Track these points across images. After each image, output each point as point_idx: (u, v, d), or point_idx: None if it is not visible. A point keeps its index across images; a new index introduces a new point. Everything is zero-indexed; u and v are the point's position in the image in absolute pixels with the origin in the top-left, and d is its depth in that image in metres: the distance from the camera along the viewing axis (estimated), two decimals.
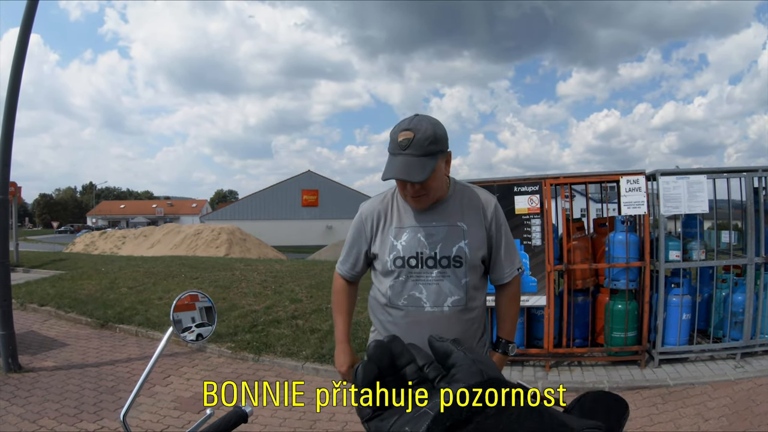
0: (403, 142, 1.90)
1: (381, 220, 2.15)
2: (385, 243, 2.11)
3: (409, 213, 2.11)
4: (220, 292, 8.45)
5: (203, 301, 1.55)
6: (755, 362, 5.24)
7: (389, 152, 1.96)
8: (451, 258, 2.04)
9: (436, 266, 2.04)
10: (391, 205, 2.17)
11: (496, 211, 2.17)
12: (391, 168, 1.91)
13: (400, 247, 2.07)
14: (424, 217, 2.08)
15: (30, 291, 9.46)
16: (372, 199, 2.25)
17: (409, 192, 1.98)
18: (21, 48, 5.92)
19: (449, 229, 2.06)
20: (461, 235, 2.06)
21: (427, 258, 2.04)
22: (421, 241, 2.06)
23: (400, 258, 2.06)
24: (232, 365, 5.88)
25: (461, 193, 2.14)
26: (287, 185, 49.80)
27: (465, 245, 2.05)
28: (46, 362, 5.95)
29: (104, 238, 30.10)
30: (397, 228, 2.10)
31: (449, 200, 2.11)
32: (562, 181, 5.55)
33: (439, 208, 2.09)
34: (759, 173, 5.36)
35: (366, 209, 2.21)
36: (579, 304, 5.59)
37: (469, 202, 2.13)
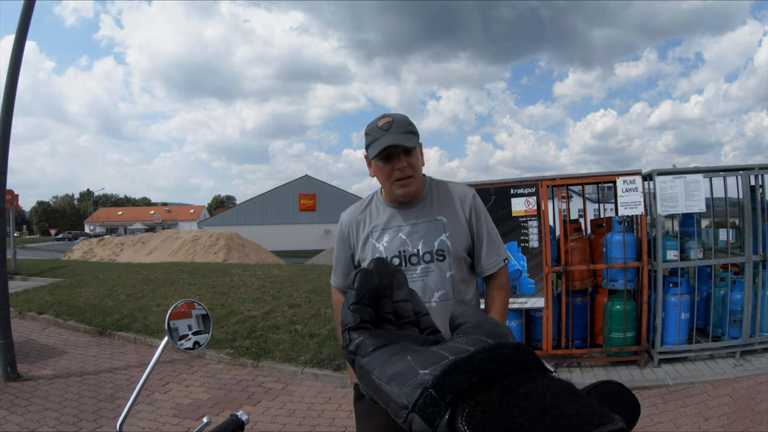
0: (384, 125, 1.98)
1: (361, 226, 2.17)
2: (367, 247, 2.13)
3: (389, 214, 2.13)
4: (218, 298, 8.45)
5: (199, 309, 1.55)
6: (755, 360, 5.24)
7: (370, 142, 2.01)
8: (434, 252, 2.05)
9: (420, 262, 2.05)
10: (370, 210, 2.19)
11: (474, 201, 2.17)
12: (380, 143, 1.96)
13: (382, 248, 2.09)
14: (404, 216, 2.11)
15: (28, 299, 9.45)
16: (351, 208, 2.27)
17: (398, 172, 2.01)
18: (16, 55, 5.92)
19: (429, 225, 2.08)
20: (441, 228, 2.08)
21: (410, 255, 2.06)
22: (403, 239, 2.07)
23: None
24: (231, 371, 5.87)
25: (437, 188, 2.18)
26: (285, 190, 49.77)
27: (446, 238, 2.06)
28: (45, 370, 5.94)
29: (102, 245, 30.04)
30: (378, 230, 2.12)
31: (426, 196, 2.14)
32: (558, 182, 5.56)
33: (417, 205, 2.12)
34: (755, 171, 5.37)
35: (346, 219, 2.23)
36: (577, 305, 5.59)
37: (445, 195, 2.16)
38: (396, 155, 2.00)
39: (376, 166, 2.05)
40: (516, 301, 5.37)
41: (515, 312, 5.46)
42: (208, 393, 5.22)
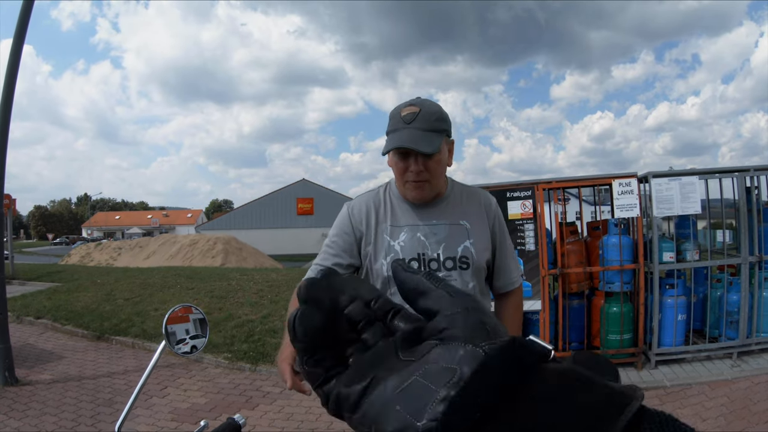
0: (408, 116, 1.75)
1: (373, 217, 1.89)
2: (380, 243, 1.86)
3: (406, 210, 1.89)
4: (216, 302, 8.45)
5: (196, 314, 1.56)
6: (752, 361, 5.26)
7: (389, 131, 1.80)
8: (457, 259, 1.83)
9: (440, 269, 1.82)
10: (384, 200, 1.93)
11: (497, 210, 2.00)
12: (395, 139, 1.75)
13: (398, 248, 1.83)
14: (423, 215, 1.87)
15: (26, 304, 9.43)
16: (361, 195, 1.99)
17: (412, 174, 1.78)
18: (14, 59, 5.93)
19: (451, 228, 1.86)
20: (465, 234, 1.86)
21: (429, 260, 1.82)
22: (422, 241, 1.83)
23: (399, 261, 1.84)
24: (228, 376, 5.88)
25: (460, 190, 1.97)
26: (282, 194, 49.75)
27: (470, 245, 1.85)
28: (43, 375, 5.93)
29: (100, 250, 29.99)
30: (392, 226, 1.86)
31: (448, 197, 1.92)
32: (554, 185, 5.58)
33: (439, 205, 1.89)
34: (751, 173, 5.40)
35: (355, 204, 1.95)
36: (574, 308, 5.60)
37: (469, 199, 1.95)
38: (413, 155, 1.76)
39: (392, 160, 1.83)
40: None
41: None
42: (206, 397, 5.23)
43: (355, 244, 1.89)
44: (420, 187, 1.81)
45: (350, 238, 1.89)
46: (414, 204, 1.88)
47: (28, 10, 5.92)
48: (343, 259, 1.89)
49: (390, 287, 1.76)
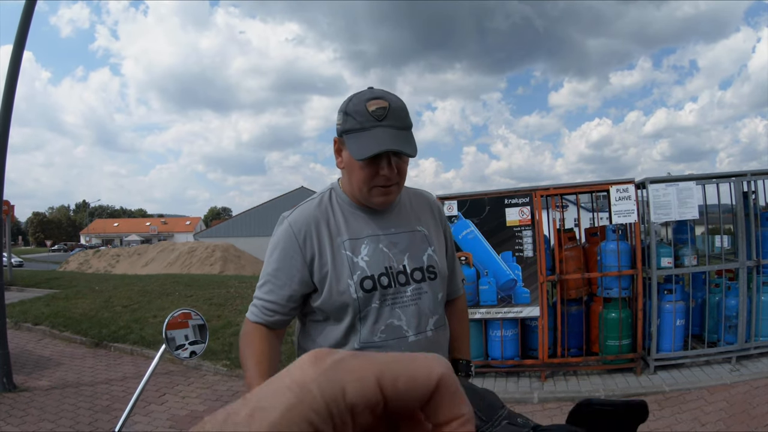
0: (378, 112, 1.50)
1: (325, 231, 1.60)
2: (340, 262, 1.57)
3: (361, 219, 1.64)
4: (215, 309, 8.43)
5: (196, 319, 1.57)
6: (751, 365, 5.26)
7: (356, 128, 1.52)
8: (425, 269, 1.64)
9: (410, 282, 1.61)
10: (331, 210, 1.64)
11: (443, 211, 1.84)
12: (374, 141, 1.48)
13: (363, 264, 1.57)
14: (379, 224, 1.64)
15: (24, 310, 9.42)
16: (301, 207, 1.66)
17: (382, 179, 1.54)
18: (14, 65, 5.95)
19: (412, 236, 1.66)
20: (426, 241, 1.67)
21: (397, 273, 1.59)
22: (385, 252, 1.60)
23: (368, 278, 1.56)
24: (227, 383, 5.87)
25: (407, 193, 1.76)
26: (281, 201, 49.58)
27: (433, 252, 1.67)
28: (41, 381, 5.92)
29: (98, 257, 29.97)
30: (351, 240, 1.60)
31: (400, 202, 1.71)
32: (552, 192, 5.60)
33: (393, 211, 1.68)
34: (748, 177, 5.42)
35: (297, 219, 1.61)
36: (573, 314, 5.61)
37: (418, 201, 1.77)
38: (384, 157, 1.52)
39: (354, 164, 1.54)
40: (512, 310, 5.40)
41: (511, 321, 5.48)
42: (204, 404, 5.22)
43: (305, 268, 1.57)
44: (389, 192, 1.58)
45: (298, 262, 1.57)
46: (368, 211, 1.65)
47: (29, 16, 5.93)
48: (294, 290, 1.58)
49: (361, 311, 1.56)
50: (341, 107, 1.59)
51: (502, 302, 5.41)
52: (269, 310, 1.59)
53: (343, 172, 1.64)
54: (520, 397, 5.07)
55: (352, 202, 1.65)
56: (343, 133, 1.56)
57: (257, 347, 1.56)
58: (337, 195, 1.67)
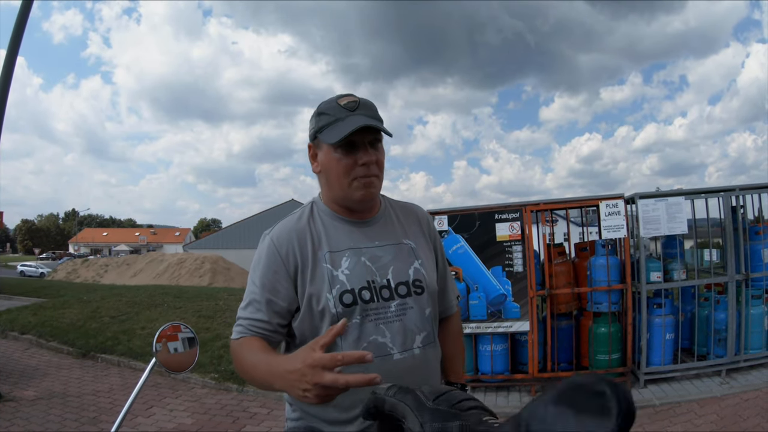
0: (350, 104, 1.50)
1: (308, 244, 1.55)
2: (320, 275, 1.51)
3: (343, 231, 1.59)
4: (203, 321, 8.39)
5: (185, 332, 1.56)
6: (740, 377, 5.28)
7: (328, 123, 1.50)
8: (410, 283, 1.56)
9: (394, 297, 1.53)
10: (313, 223, 1.60)
11: (433, 225, 1.78)
12: (347, 124, 1.46)
13: (344, 277, 1.51)
14: (363, 236, 1.59)
15: (11, 319, 9.33)
16: (282, 222, 1.62)
17: (362, 168, 1.50)
18: (7, 71, 5.93)
19: (397, 249, 1.60)
20: (412, 255, 1.61)
21: (380, 288, 1.53)
22: (368, 266, 1.54)
23: (348, 292, 1.49)
24: (216, 396, 5.82)
25: (392, 205, 1.72)
26: (271, 214, 49.45)
27: (420, 266, 1.60)
28: (27, 392, 5.85)
29: (86, 266, 29.80)
30: (331, 252, 1.54)
31: (385, 213, 1.67)
32: (542, 207, 5.63)
33: (377, 222, 1.64)
34: (736, 192, 5.48)
35: (279, 233, 1.57)
36: (563, 328, 5.62)
37: (405, 215, 1.71)
38: (362, 146, 1.49)
39: (331, 158, 1.52)
40: (502, 325, 5.40)
41: (501, 336, 5.48)
42: (192, 417, 5.17)
43: (290, 283, 1.52)
44: (370, 184, 1.53)
45: (282, 277, 1.52)
46: (351, 223, 1.60)
47: (23, 22, 5.93)
48: (281, 306, 1.52)
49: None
50: (312, 114, 1.58)
51: (492, 317, 5.41)
52: (257, 327, 1.52)
53: (321, 179, 1.61)
54: (510, 412, 5.03)
55: (334, 213, 1.61)
56: (317, 132, 1.54)
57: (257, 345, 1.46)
58: (318, 208, 1.63)
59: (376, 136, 1.51)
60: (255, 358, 1.40)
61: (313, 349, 1.09)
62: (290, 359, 1.17)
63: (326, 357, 1.05)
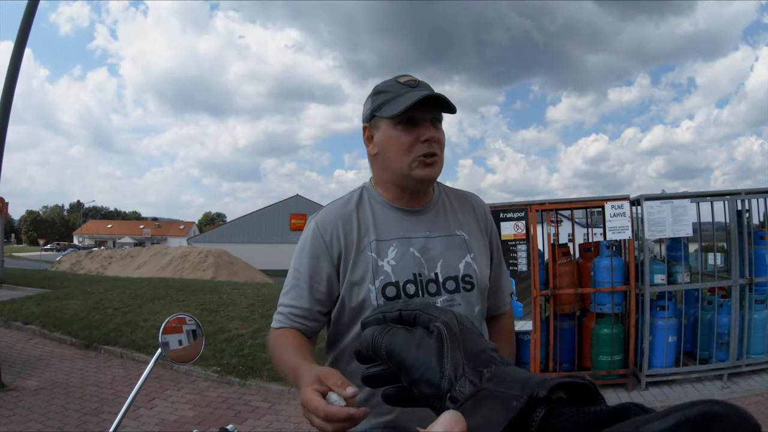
0: (410, 82, 1.44)
1: (354, 231, 1.46)
2: (364, 264, 1.44)
3: (393, 219, 1.49)
4: (206, 315, 8.40)
5: (190, 324, 1.56)
6: (742, 382, 5.28)
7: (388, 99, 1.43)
8: (460, 279, 1.47)
9: (441, 292, 1.44)
10: (362, 209, 1.51)
11: (491, 217, 1.68)
12: (410, 97, 1.38)
13: (389, 268, 1.42)
14: (413, 225, 1.49)
15: (15, 309, 9.37)
16: (328, 207, 1.54)
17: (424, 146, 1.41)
18: (15, 63, 5.95)
19: (448, 240, 1.49)
20: (464, 247, 1.50)
21: (427, 282, 1.44)
22: (416, 257, 1.44)
23: (392, 285, 1.42)
24: (218, 389, 5.84)
25: (446, 193, 1.62)
26: (275, 209, 49.69)
27: (472, 260, 1.50)
28: (29, 382, 5.87)
29: (90, 258, 29.84)
30: (378, 241, 1.45)
31: (438, 202, 1.56)
32: (547, 207, 5.62)
33: (429, 212, 1.53)
34: (742, 196, 5.46)
35: (325, 218, 1.49)
36: (565, 329, 5.61)
37: (460, 204, 1.61)
38: (423, 122, 1.41)
39: (390, 136, 1.43)
40: None
41: None
42: (194, 410, 5.19)
43: (333, 269, 1.45)
44: (433, 163, 1.44)
45: (325, 263, 1.45)
46: (402, 211, 1.51)
47: (31, 14, 5.94)
48: (322, 293, 1.46)
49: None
50: (369, 95, 1.51)
51: None
52: (296, 316, 1.45)
53: (377, 162, 1.52)
54: None
55: (385, 200, 1.52)
56: (374, 110, 1.46)
57: (292, 342, 1.39)
58: (369, 193, 1.54)
59: (436, 115, 1.44)
60: (286, 357, 1.34)
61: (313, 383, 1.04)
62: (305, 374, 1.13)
63: (311, 405, 0.99)
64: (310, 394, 1.00)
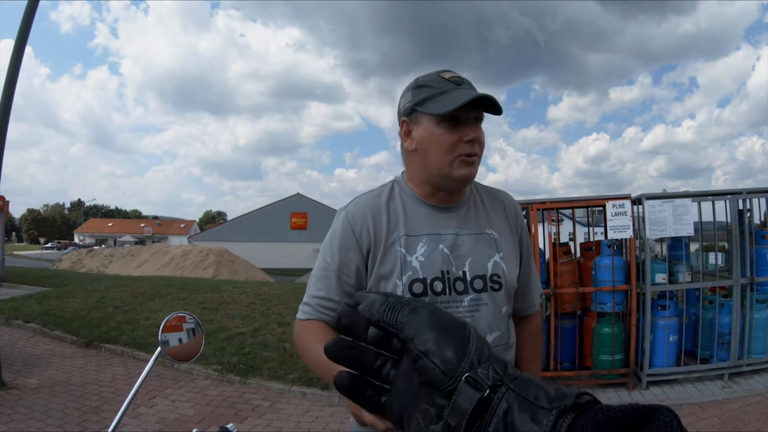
0: (455, 79, 1.41)
1: (383, 224, 1.45)
2: (392, 259, 1.42)
3: (423, 215, 1.47)
4: (207, 313, 8.40)
5: (190, 323, 1.56)
6: (743, 382, 5.27)
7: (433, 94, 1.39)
8: (487, 278, 1.44)
9: (468, 291, 1.42)
10: (393, 203, 1.49)
11: (523, 217, 1.65)
12: (461, 96, 1.35)
13: (417, 264, 1.41)
14: (443, 222, 1.47)
15: (15, 307, 9.38)
16: (360, 198, 1.52)
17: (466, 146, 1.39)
18: (15, 61, 5.95)
19: (478, 239, 1.47)
20: (494, 246, 1.48)
21: (455, 280, 1.42)
22: (445, 254, 1.42)
23: (419, 281, 1.40)
24: (218, 387, 5.83)
25: (478, 190, 1.59)
26: (276, 208, 49.70)
27: (501, 260, 1.47)
28: (30, 380, 5.87)
29: (91, 257, 29.87)
30: (408, 236, 1.43)
31: (470, 199, 1.54)
32: (549, 206, 5.62)
33: (460, 209, 1.51)
34: (743, 195, 5.45)
35: (355, 210, 1.47)
36: (566, 328, 5.61)
37: (492, 202, 1.57)
38: (467, 122, 1.38)
39: (433, 133, 1.39)
40: None
41: None
42: (194, 408, 5.18)
43: (362, 262, 1.44)
44: (473, 163, 1.41)
45: (355, 255, 1.44)
46: (432, 207, 1.49)
47: (32, 13, 5.94)
48: (351, 285, 1.44)
49: None
50: (408, 88, 1.48)
51: None
52: (324, 307, 1.42)
53: (414, 157, 1.47)
54: None
55: (417, 196, 1.49)
56: (416, 105, 1.41)
57: (322, 334, 1.36)
58: (401, 188, 1.52)
59: (478, 115, 1.41)
60: (317, 348, 1.26)
61: None
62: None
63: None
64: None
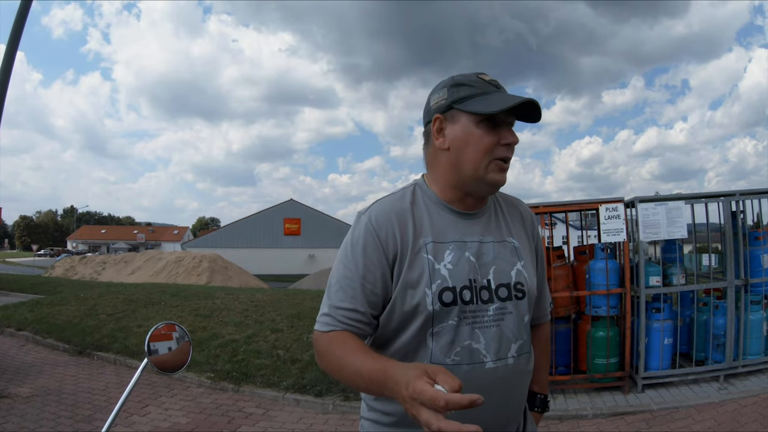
0: (495, 82, 1.39)
1: (407, 230, 1.36)
2: (420, 267, 1.34)
3: (448, 221, 1.41)
4: (200, 320, 8.36)
5: (179, 332, 1.54)
6: (739, 383, 5.27)
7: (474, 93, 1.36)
8: (512, 286, 1.40)
9: (493, 299, 1.37)
10: (417, 208, 1.42)
11: (536, 224, 1.62)
12: (506, 98, 1.34)
13: (446, 272, 1.34)
14: (467, 229, 1.42)
15: (7, 315, 9.32)
16: (382, 201, 1.43)
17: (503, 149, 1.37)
18: (7, 66, 5.91)
19: (500, 247, 1.43)
20: (515, 255, 1.45)
21: (480, 288, 1.36)
22: (471, 262, 1.37)
23: (448, 290, 1.33)
24: (211, 395, 5.79)
25: (497, 198, 1.55)
26: (270, 213, 49.75)
27: (522, 268, 1.44)
28: (22, 388, 5.82)
29: (84, 263, 29.78)
30: (435, 243, 1.36)
31: (491, 206, 1.50)
32: (542, 210, 5.60)
33: (482, 216, 1.46)
34: (736, 197, 5.47)
35: (379, 215, 1.38)
36: (561, 332, 5.59)
37: (510, 210, 1.55)
38: (504, 125, 1.36)
39: (471, 133, 1.35)
40: None
41: None
42: (187, 417, 5.14)
43: (387, 270, 1.35)
44: (506, 169, 1.39)
45: (380, 262, 1.35)
46: (456, 213, 1.43)
47: (23, 17, 5.90)
48: (377, 295, 1.35)
49: (433, 326, 1.32)
50: (442, 85, 1.43)
51: None
52: (350, 318, 1.33)
53: (443, 158, 1.42)
54: None
55: (441, 200, 1.43)
56: (454, 103, 1.37)
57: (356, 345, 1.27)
58: (423, 191, 1.45)
59: (513, 120, 1.39)
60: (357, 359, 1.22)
61: (422, 376, 0.97)
62: (399, 371, 1.05)
63: (428, 395, 0.93)
64: (423, 385, 0.94)
